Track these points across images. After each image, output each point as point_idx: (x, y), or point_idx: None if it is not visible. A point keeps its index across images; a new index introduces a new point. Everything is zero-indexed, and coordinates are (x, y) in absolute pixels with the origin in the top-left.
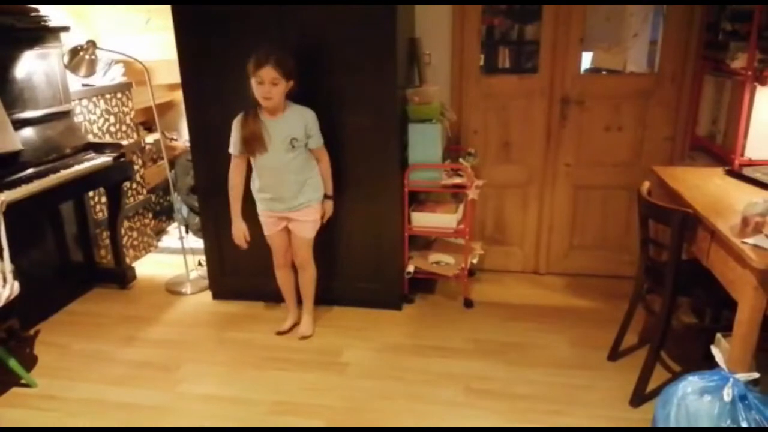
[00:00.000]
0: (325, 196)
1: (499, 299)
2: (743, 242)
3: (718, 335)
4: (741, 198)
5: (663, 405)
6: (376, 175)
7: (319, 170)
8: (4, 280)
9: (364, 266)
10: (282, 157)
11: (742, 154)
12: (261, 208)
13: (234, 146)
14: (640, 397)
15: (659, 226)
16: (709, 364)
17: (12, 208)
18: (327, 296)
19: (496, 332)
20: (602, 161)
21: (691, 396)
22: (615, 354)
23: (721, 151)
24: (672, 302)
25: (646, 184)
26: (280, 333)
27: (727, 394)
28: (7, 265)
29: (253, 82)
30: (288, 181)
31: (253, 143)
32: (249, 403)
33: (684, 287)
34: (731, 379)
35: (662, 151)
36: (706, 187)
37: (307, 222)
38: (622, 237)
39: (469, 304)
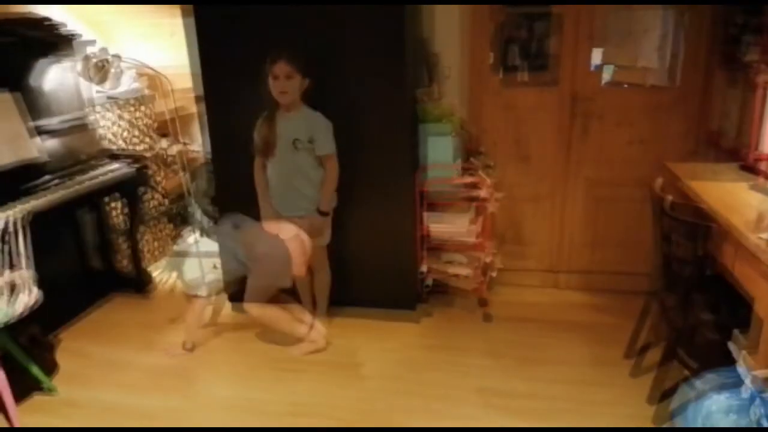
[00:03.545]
0: (318, 211)
1: (517, 305)
2: (759, 237)
3: (735, 331)
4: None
5: (686, 423)
6: (388, 176)
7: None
8: (28, 288)
9: (378, 267)
10: (287, 159)
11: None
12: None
13: (255, 147)
14: (657, 394)
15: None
16: (726, 361)
17: (33, 217)
18: (340, 297)
19: (512, 336)
20: (622, 173)
21: (717, 415)
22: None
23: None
24: (687, 300)
25: (659, 181)
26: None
27: (754, 413)
28: (29, 273)
29: (270, 80)
30: (291, 186)
31: (265, 147)
32: (265, 406)
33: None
34: (758, 399)
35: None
36: (721, 185)
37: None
38: (641, 242)
39: (483, 303)
